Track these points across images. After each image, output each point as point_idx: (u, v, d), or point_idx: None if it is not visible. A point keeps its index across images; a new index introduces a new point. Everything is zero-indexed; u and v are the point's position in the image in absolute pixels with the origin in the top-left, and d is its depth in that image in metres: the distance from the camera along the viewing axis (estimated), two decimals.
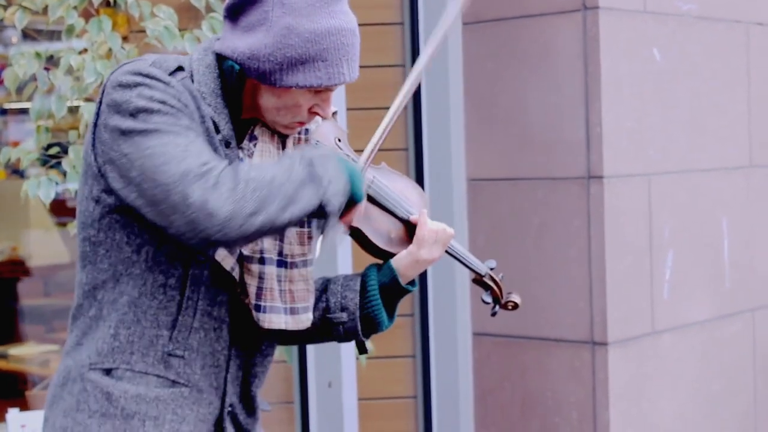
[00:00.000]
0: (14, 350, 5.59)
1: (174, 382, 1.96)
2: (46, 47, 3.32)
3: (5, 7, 3.39)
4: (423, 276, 3.91)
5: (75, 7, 3.29)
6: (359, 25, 2.04)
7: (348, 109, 3.72)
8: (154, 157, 1.81)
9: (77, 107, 3.29)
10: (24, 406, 3.92)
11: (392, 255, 2.10)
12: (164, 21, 3.29)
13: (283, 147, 2.04)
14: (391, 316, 2.12)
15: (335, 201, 1.88)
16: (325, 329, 2.11)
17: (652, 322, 3.84)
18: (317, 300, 2.11)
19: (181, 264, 1.94)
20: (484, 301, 2.24)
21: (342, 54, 1.93)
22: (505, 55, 3.86)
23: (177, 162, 1.80)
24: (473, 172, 3.94)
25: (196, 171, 1.79)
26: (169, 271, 1.94)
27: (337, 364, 3.63)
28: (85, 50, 3.29)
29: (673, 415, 3.93)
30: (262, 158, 1.99)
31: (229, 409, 2.04)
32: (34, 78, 3.30)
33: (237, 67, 1.96)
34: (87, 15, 3.33)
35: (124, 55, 3.28)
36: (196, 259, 1.94)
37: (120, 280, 1.95)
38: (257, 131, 2.01)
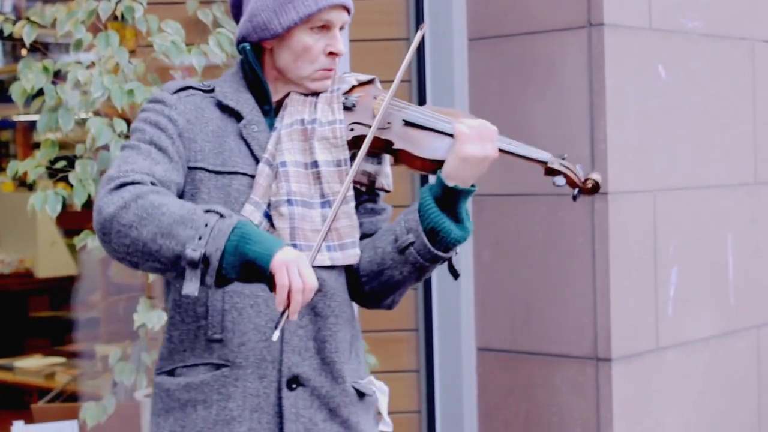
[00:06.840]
0: (20, 363, 5.59)
1: (216, 365, 2.09)
2: (53, 61, 3.34)
3: (14, 21, 3.41)
4: (428, 291, 3.91)
5: (83, 22, 3.31)
6: (364, 41, 2.10)
7: None
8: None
9: (84, 120, 3.31)
10: (29, 418, 3.92)
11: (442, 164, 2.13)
12: (172, 36, 3.31)
13: (316, 107, 2.16)
14: (458, 221, 2.14)
15: (204, 251, 1.87)
16: (400, 260, 2.13)
17: (656, 339, 3.84)
18: (386, 234, 2.16)
19: None
20: (556, 185, 2.21)
21: None
22: (511, 72, 3.87)
23: (111, 168, 2.04)
24: (478, 187, 3.94)
25: (112, 175, 1.99)
26: None
27: None
28: (93, 64, 3.31)
29: None
30: (291, 118, 2.14)
31: (292, 378, 2.09)
32: (41, 92, 3.32)
33: (247, 45, 2.13)
34: (95, 29, 3.35)
35: (131, 70, 3.30)
36: None
37: (170, 288, 2.15)
38: (288, 101, 2.17)
